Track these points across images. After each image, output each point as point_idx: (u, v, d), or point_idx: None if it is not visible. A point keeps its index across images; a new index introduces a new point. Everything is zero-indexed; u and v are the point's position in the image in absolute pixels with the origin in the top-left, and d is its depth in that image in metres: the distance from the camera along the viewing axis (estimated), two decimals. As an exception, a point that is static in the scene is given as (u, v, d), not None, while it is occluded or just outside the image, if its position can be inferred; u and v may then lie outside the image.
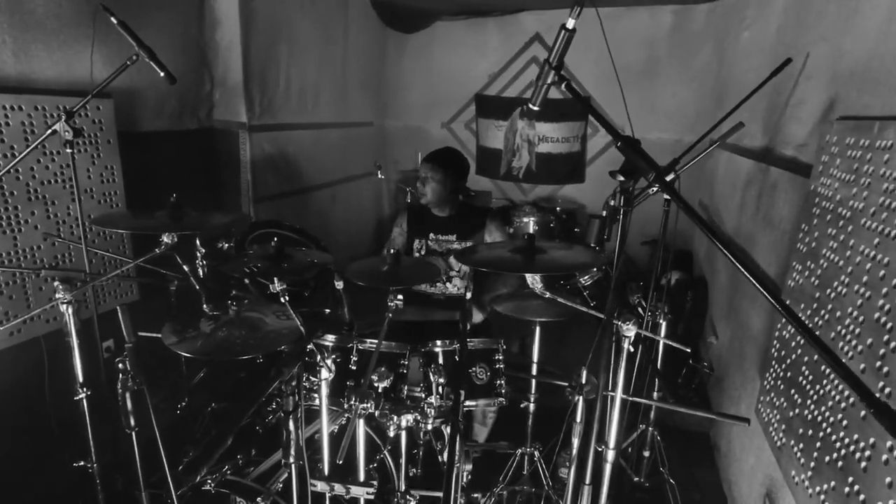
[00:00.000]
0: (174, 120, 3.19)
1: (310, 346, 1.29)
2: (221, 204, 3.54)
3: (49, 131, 1.83)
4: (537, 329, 2.00)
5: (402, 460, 1.57)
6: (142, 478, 1.49)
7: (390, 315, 1.46)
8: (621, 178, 1.05)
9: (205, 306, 2.24)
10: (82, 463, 1.70)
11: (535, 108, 1.25)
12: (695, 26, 4.49)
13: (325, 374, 1.29)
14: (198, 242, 2.35)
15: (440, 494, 1.86)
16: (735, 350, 2.67)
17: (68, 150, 1.90)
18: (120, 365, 1.34)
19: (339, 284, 1.45)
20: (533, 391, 2.07)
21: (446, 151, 2.48)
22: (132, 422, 1.39)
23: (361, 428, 1.35)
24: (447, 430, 1.22)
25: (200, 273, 2.27)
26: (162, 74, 1.86)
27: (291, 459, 1.24)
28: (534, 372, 2.01)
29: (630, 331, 1.56)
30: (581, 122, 5.00)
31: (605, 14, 5.25)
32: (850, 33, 1.80)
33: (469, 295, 1.45)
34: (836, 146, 1.63)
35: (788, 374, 1.78)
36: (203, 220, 1.80)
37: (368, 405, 1.33)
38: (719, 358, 2.97)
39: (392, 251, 1.66)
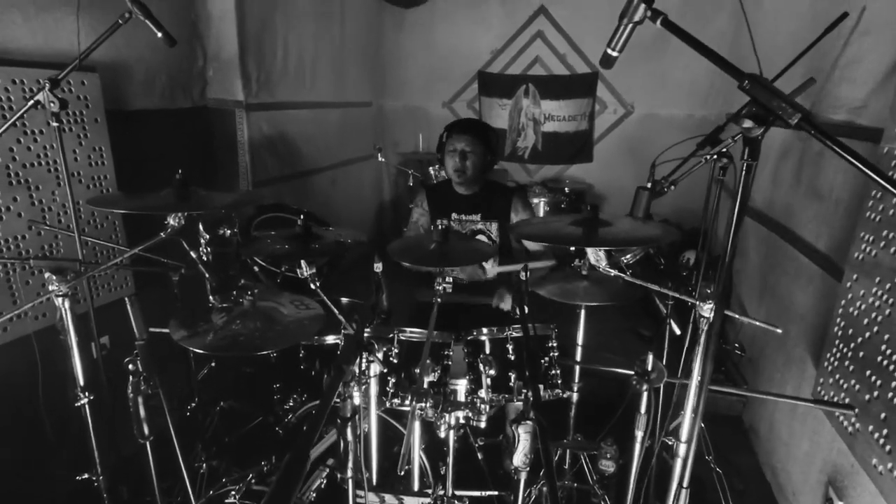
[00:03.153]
0: (165, 98, 2.95)
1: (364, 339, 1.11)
2: (218, 189, 3.31)
3: (31, 102, 1.61)
4: (582, 313, 1.83)
5: (450, 460, 1.40)
6: (157, 491, 1.31)
7: (439, 300, 1.28)
8: (747, 125, 0.88)
9: (211, 297, 2.04)
10: (86, 476, 1.50)
11: (615, 55, 1.07)
12: (707, -5, 4.31)
13: (375, 369, 1.11)
14: (201, 227, 2.14)
15: (485, 493, 1.71)
16: (774, 329, 2.54)
17: (54, 125, 1.68)
18: (130, 366, 1.14)
19: (378, 267, 1.27)
20: (577, 379, 1.91)
21: (478, 122, 2.26)
22: (146, 430, 1.20)
23: (417, 431, 1.17)
24: (518, 430, 1.06)
25: (206, 261, 2.07)
26: (159, 35, 1.64)
27: (349, 473, 1.06)
28: (578, 358, 1.85)
29: (710, 311, 1.40)
30: (588, 99, 4.82)
31: (614, -17, 4.88)
32: (925, -21, 1.64)
33: (524, 275, 1.29)
34: (922, 102, 1.47)
35: (861, 353, 1.64)
36: (212, 200, 1.60)
37: (427, 405, 1.16)
38: (752, 339, 2.84)
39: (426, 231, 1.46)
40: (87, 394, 1.42)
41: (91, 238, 2.21)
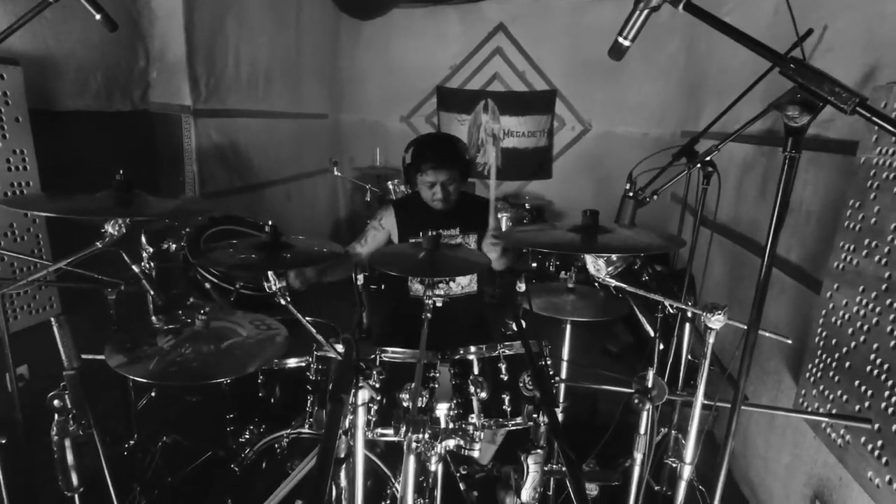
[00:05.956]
0: (101, 100, 2.68)
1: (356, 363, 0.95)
2: (160, 201, 3.03)
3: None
4: (567, 328, 1.73)
5: (438, 493, 1.24)
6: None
7: (429, 315, 1.14)
8: (792, 112, 0.80)
9: (153, 318, 1.82)
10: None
11: (627, 44, 0.99)
12: (660, 20, 4.40)
13: (364, 395, 0.94)
14: (143, 240, 1.91)
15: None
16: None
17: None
18: (56, 402, 0.92)
19: (360, 279, 1.11)
20: (562, 399, 1.81)
21: (454, 146, 2.03)
22: (74, 480, 0.97)
23: (412, 468, 1.01)
24: (527, 461, 0.93)
25: (150, 276, 1.83)
26: (98, 17, 1.43)
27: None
28: (563, 375, 1.74)
29: (718, 322, 1.34)
30: (547, 116, 4.85)
31: (572, 6, 5.08)
32: (891, -4, 1.69)
33: (522, 286, 1.17)
34: (900, 111, 1.49)
35: (847, 363, 1.62)
36: (159, 205, 1.39)
37: (423, 437, 1.00)
38: (721, 350, 2.84)
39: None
40: (-3, 437, 1.17)
41: (7, 252, 1.92)
